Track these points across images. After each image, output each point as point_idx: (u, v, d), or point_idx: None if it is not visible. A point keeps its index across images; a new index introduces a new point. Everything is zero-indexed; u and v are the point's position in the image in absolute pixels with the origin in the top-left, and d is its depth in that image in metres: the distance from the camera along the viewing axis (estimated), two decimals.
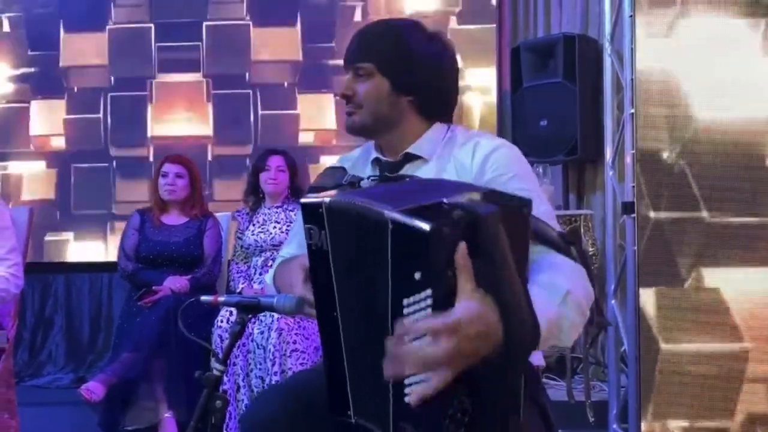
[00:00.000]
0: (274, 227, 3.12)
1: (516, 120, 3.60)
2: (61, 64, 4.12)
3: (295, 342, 2.75)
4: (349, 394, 1.07)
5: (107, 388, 2.68)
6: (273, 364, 2.70)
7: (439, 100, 1.36)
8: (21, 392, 2.27)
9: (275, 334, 2.71)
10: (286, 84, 4.11)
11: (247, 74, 4.10)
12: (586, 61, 3.38)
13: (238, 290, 3.09)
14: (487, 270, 0.85)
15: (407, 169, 1.33)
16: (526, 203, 0.97)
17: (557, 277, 1.06)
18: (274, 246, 3.09)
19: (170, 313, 2.81)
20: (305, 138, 4.09)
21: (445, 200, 0.89)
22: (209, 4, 4.12)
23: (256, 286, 3.08)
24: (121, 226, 3.50)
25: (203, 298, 1.31)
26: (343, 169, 1.39)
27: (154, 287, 3.00)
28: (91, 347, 4.04)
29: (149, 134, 4.13)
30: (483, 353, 0.85)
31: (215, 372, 1.20)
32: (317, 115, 4.08)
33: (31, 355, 3.96)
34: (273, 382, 2.68)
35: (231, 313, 2.85)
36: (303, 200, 1.06)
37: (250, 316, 1.23)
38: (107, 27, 4.12)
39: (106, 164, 4.13)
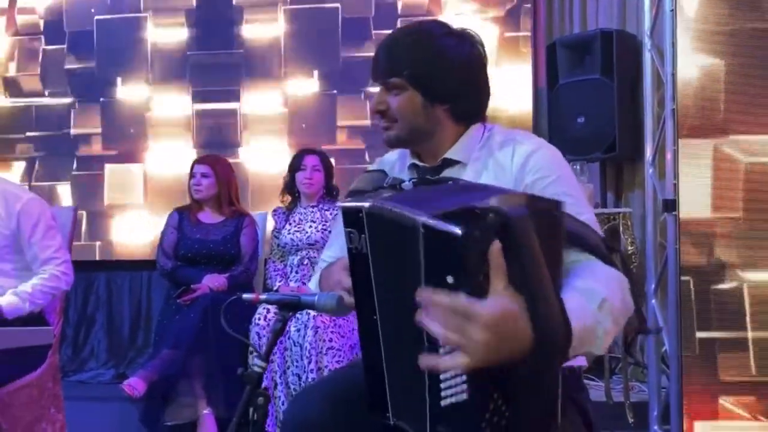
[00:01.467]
0: (310, 226, 3.14)
1: (552, 118, 3.56)
2: None
3: (331, 340, 2.76)
4: (387, 396, 1.08)
5: (148, 384, 2.74)
6: (309, 362, 2.72)
7: (473, 103, 1.34)
8: (65, 387, 2.31)
9: (311, 332, 2.73)
10: None
11: None
12: (624, 57, 3.32)
13: (275, 288, 3.13)
14: (518, 272, 0.85)
15: (445, 174, 1.32)
16: (557, 205, 0.96)
17: (595, 284, 1.04)
18: (310, 245, 3.12)
19: (208, 311, 2.86)
20: None
21: (476, 204, 0.89)
22: None
23: (292, 284, 3.11)
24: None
25: (245, 295, 1.32)
26: (383, 172, 1.39)
27: (192, 285, 3.05)
28: (131, 344, 4.12)
29: None
30: (509, 353, 0.85)
31: (257, 369, 1.21)
32: None
33: (74, 351, 4.07)
34: (309, 380, 2.70)
35: (268, 311, 2.88)
36: (343, 205, 1.07)
37: (291, 313, 1.24)
38: None
39: None
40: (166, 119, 4.20)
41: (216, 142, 4.11)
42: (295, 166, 3.20)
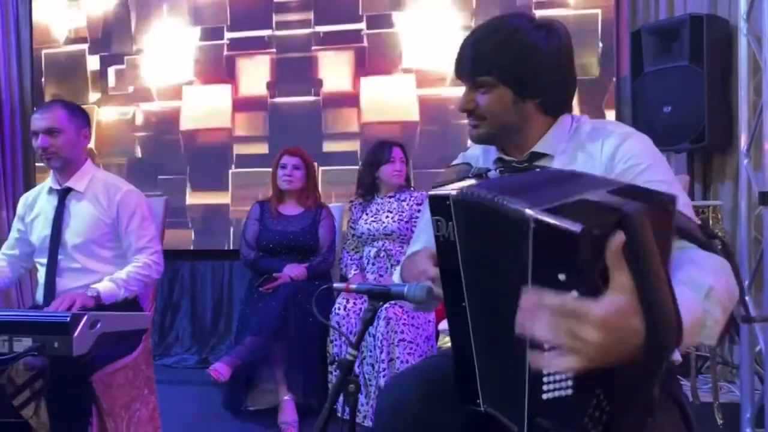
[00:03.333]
0: (387, 216, 3.16)
1: (637, 107, 3.44)
2: None
3: (402, 332, 2.78)
4: (478, 384, 1.07)
5: (232, 370, 2.81)
6: (381, 352, 2.75)
7: (562, 95, 1.32)
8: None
9: (383, 323, 2.76)
10: None
11: None
12: (715, 43, 3.17)
13: (350, 277, 3.17)
14: (634, 269, 0.82)
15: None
16: (672, 200, 0.92)
17: (700, 273, 1.01)
18: (386, 235, 3.14)
19: (289, 300, 2.93)
20: None
21: (587, 197, 0.86)
22: None
23: (369, 276, 3.14)
24: None
25: (335, 285, 1.35)
26: (468, 164, 1.39)
27: (274, 274, 3.13)
28: (214, 330, 4.26)
29: None
30: (623, 353, 0.82)
31: (348, 357, 1.23)
32: None
33: (160, 336, 4.23)
34: (382, 370, 2.73)
35: (347, 301, 2.93)
36: (430, 193, 1.07)
37: (381, 303, 1.25)
38: None
39: None
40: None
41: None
42: (379, 159, 3.21)
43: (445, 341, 3.02)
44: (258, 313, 2.97)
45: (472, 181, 1.20)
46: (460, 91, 1.33)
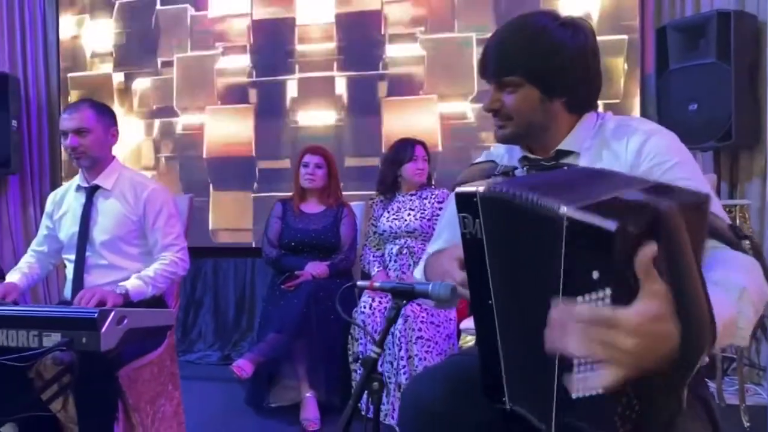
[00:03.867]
0: (409, 214, 3.17)
1: (662, 105, 3.39)
2: None
3: (420, 329, 2.78)
4: (503, 381, 1.07)
5: (255, 366, 2.84)
6: (400, 349, 2.75)
7: (588, 94, 1.31)
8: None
9: (401, 320, 2.76)
10: None
11: None
12: (742, 39, 3.12)
13: (373, 274, 3.18)
14: (668, 270, 0.81)
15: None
16: (706, 198, 0.91)
17: (732, 274, 1.00)
18: (408, 233, 3.14)
19: (311, 297, 2.94)
20: None
21: (620, 195, 0.85)
22: None
23: (391, 273, 3.15)
24: None
25: (359, 282, 1.35)
26: (492, 162, 1.38)
27: (296, 272, 3.14)
28: (236, 327, 4.28)
29: None
30: (658, 358, 0.81)
31: (372, 355, 1.23)
32: None
33: (183, 332, 4.26)
34: (401, 367, 2.74)
35: (373, 299, 2.93)
36: (457, 189, 1.06)
37: (405, 301, 1.25)
38: None
39: None
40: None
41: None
42: (402, 157, 3.21)
43: (467, 340, 3.01)
44: (280, 311, 2.99)
45: (498, 179, 1.20)
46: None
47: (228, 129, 4.33)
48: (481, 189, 1.02)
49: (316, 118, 4.21)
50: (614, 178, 1.00)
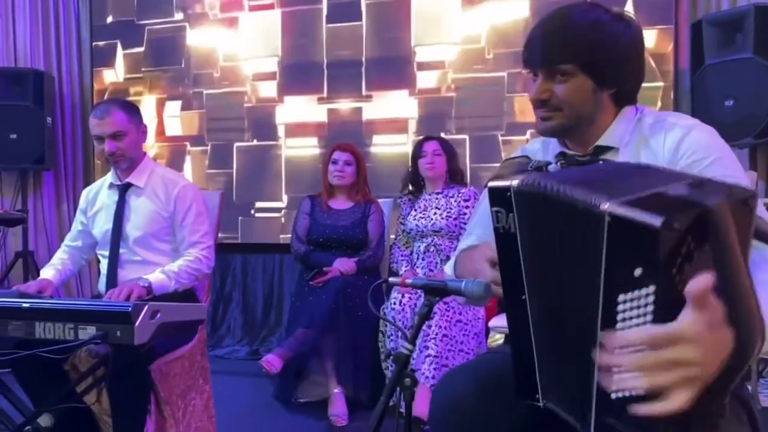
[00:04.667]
0: (435, 213, 3.16)
1: (696, 101, 3.33)
2: None
3: (445, 327, 2.77)
4: (537, 378, 1.05)
5: (284, 362, 2.85)
6: (425, 347, 2.74)
7: (634, 87, 1.29)
8: None
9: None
10: None
11: None
12: None
13: (401, 273, 3.17)
14: (716, 270, 0.77)
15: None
16: (753, 194, 0.87)
17: None
18: (435, 231, 3.14)
19: (339, 293, 2.95)
20: None
21: (664, 190, 0.83)
22: None
23: (419, 271, 3.14)
24: None
25: (391, 279, 1.35)
26: (526, 157, 1.36)
27: (324, 268, 3.15)
28: (264, 323, 4.31)
29: None
30: (717, 365, 0.79)
31: (404, 351, 1.23)
32: None
33: (212, 327, 4.30)
34: (429, 364, 2.72)
35: (403, 296, 2.93)
36: (490, 184, 1.05)
37: (437, 298, 1.24)
38: None
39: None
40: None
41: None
42: (416, 154, 3.26)
43: (496, 339, 2.99)
44: (309, 306, 3.00)
45: (533, 175, 1.18)
46: None
47: None
48: (515, 183, 1.00)
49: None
50: (654, 172, 0.98)
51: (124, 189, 2.29)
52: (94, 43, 4.66)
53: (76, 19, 4.69)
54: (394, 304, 2.92)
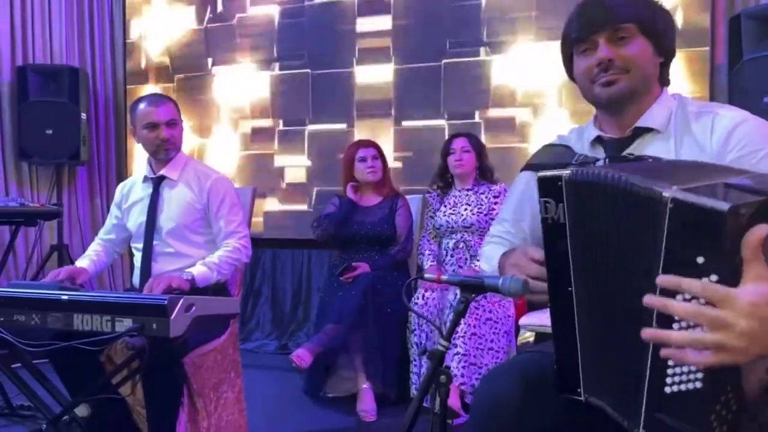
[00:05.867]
0: (465, 209, 3.14)
1: (734, 96, 3.25)
2: None
3: (474, 326, 2.76)
4: (580, 371, 1.04)
5: (313, 356, 2.86)
6: (454, 345, 2.73)
7: (670, 63, 1.30)
8: None
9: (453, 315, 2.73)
10: None
11: None
12: None
13: (426, 268, 3.16)
14: None
15: (638, 145, 1.25)
16: None
17: None
18: (465, 228, 3.12)
19: (369, 289, 2.95)
20: None
21: (727, 180, 0.81)
22: None
23: (448, 267, 3.12)
24: None
25: (426, 275, 1.34)
26: (567, 147, 1.34)
27: (353, 264, 3.15)
28: (293, 317, 4.33)
29: None
30: (765, 345, 0.77)
31: (439, 348, 1.22)
32: None
33: (242, 321, 4.32)
34: (452, 360, 2.72)
35: (425, 290, 2.92)
36: (540, 174, 1.04)
37: (473, 295, 1.23)
38: None
39: None
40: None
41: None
42: (445, 150, 3.24)
43: (526, 337, 2.97)
44: (338, 302, 3.01)
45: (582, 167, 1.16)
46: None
47: None
48: (566, 173, 1.00)
49: None
50: (711, 167, 0.96)
51: (158, 181, 2.32)
52: (127, 40, 4.73)
53: (110, 18, 4.76)
54: (417, 299, 2.92)
